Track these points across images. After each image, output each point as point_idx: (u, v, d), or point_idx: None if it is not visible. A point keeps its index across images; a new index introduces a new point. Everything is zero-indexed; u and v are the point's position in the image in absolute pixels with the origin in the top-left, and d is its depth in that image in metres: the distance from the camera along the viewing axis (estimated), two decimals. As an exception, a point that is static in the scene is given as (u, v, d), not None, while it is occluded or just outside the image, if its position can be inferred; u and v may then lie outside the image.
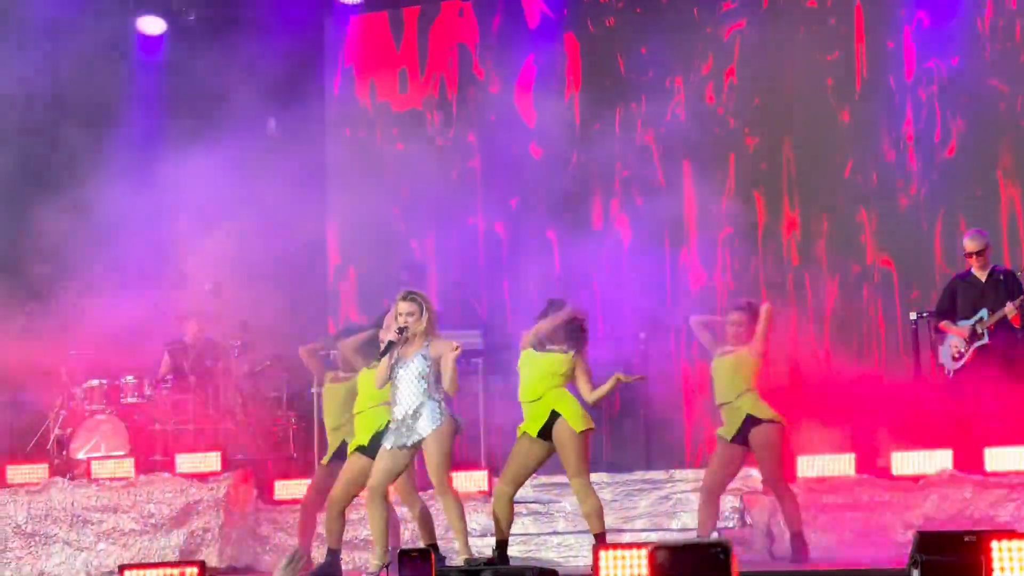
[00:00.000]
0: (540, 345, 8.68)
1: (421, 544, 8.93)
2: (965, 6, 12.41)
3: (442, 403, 8.48)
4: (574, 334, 8.66)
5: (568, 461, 8.50)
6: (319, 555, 9.60)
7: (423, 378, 8.43)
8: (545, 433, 8.55)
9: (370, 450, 8.87)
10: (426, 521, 8.89)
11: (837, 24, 12.82)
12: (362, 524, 10.13)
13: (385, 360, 8.49)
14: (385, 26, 14.40)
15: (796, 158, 12.88)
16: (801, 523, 8.99)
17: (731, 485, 9.48)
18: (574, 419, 8.48)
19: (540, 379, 8.60)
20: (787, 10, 13.00)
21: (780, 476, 9.02)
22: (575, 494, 8.57)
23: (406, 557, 6.85)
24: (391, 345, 8.47)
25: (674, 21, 13.25)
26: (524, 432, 8.60)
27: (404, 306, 8.51)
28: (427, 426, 8.40)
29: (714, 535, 9.36)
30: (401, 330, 8.47)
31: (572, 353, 8.62)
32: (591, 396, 8.57)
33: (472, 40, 14.05)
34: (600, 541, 8.26)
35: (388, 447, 8.52)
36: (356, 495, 9.07)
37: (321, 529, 9.64)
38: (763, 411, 8.98)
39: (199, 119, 13.12)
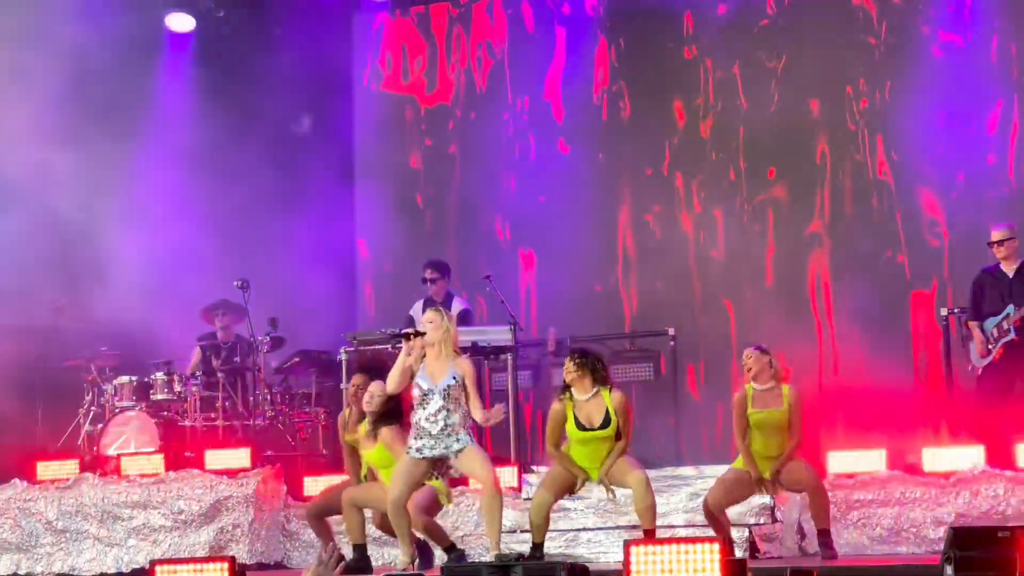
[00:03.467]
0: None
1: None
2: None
3: (468, 428, 8.59)
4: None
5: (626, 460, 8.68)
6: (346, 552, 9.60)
7: (454, 399, 8.53)
8: None
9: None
10: (434, 531, 8.98)
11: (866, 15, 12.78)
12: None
13: (398, 366, 8.57)
14: (413, 22, 14.41)
15: (830, 151, 12.82)
16: (829, 521, 8.95)
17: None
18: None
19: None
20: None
21: (818, 479, 9.00)
22: (633, 487, 8.63)
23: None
24: (398, 337, 8.61)
25: (703, 14, 13.21)
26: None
27: (428, 315, 8.73)
28: (459, 447, 8.49)
29: (744, 532, 9.34)
30: (418, 333, 8.57)
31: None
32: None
33: (500, 36, 14.05)
34: (649, 537, 8.34)
35: (413, 456, 8.55)
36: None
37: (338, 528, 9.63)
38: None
39: (227, 115, 13.14)
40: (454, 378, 8.53)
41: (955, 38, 12.39)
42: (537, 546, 8.72)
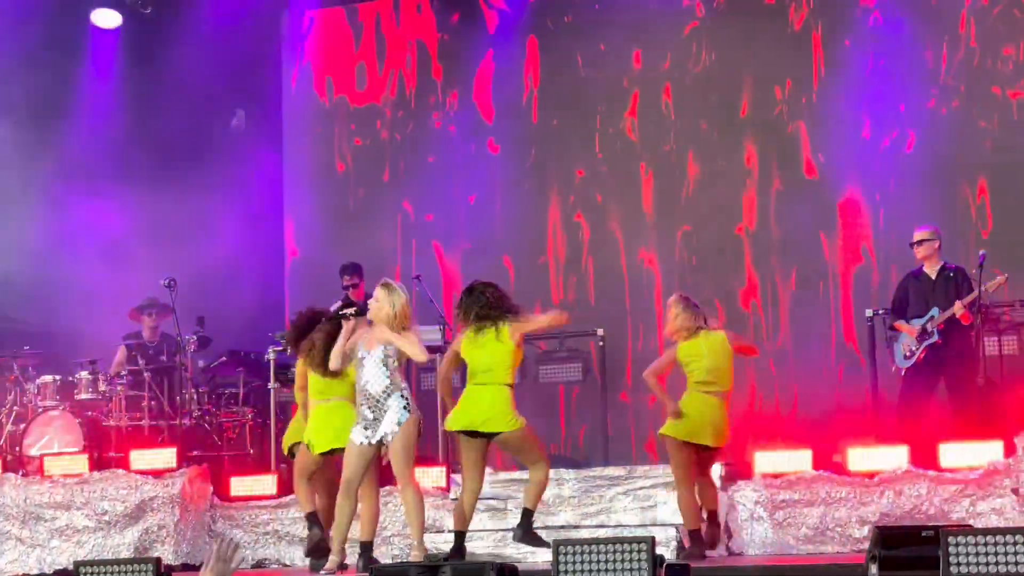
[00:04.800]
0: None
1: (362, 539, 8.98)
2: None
3: (406, 394, 8.51)
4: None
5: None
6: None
7: (386, 366, 8.45)
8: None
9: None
10: (373, 519, 8.92)
11: (795, 19, 12.89)
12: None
13: (341, 341, 8.56)
14: (343, 21, 14.36)
15: (758, 152, 12.92)
16: (695, 522, 9.02)
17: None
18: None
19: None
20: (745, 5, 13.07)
21: (685, 476, 9.13)
22: None
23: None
24: (342, 316, 8.59)
25: (633, 17, 13.27)
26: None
27: (377, 291, 8.68)
28: (392, 423, 8.43)
29: (670, 532, 9.37)
30: (362, 311, 8.58)
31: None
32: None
33: (430, 36, 14.03)
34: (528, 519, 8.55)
35: (357, 442, 8.53)
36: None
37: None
38: None
39: (154, 113, 13.03)
40: (385, 349, 8.52)
41: (886, 40, 12.53)
42: (459, 534, 8.69)
